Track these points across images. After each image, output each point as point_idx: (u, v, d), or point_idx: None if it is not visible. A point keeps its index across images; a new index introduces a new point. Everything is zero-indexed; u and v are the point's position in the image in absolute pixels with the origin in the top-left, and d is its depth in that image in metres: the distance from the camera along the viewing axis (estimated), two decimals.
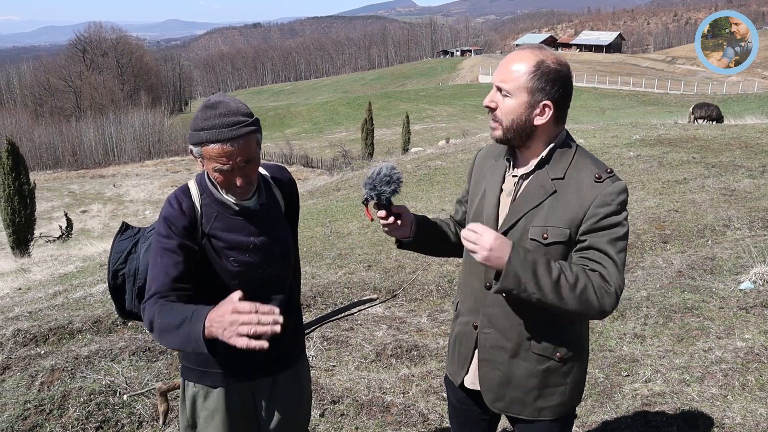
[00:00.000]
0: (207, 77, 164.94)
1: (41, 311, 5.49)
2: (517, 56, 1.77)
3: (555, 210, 1.76)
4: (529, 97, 1.74)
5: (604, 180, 1.74)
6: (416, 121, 49.84)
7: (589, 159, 1.81)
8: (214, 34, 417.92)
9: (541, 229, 1.77)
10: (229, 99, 1.85)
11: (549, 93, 1.74)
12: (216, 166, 1.81)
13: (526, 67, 1.73)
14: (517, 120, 1.77)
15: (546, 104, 1.75)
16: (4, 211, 17.04)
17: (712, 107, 18.83)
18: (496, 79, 1.79)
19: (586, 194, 1.74)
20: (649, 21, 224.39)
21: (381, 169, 1.85)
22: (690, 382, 3.67)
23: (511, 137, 1.80)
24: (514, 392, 1.90)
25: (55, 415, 3.49)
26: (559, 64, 1.74)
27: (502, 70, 1.78)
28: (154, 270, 1.87)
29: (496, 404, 1.94)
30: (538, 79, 1.72)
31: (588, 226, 1.73)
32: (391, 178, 1.84)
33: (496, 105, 1.79)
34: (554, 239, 1.76)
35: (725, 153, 11.02)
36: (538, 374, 1.87)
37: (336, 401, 3.65)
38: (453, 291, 5.52)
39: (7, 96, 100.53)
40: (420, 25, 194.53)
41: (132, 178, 42.08)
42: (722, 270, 5.43)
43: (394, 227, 1.94)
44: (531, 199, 1.80)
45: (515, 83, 1.74)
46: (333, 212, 10.39)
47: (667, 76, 75.37)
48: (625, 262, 1.75)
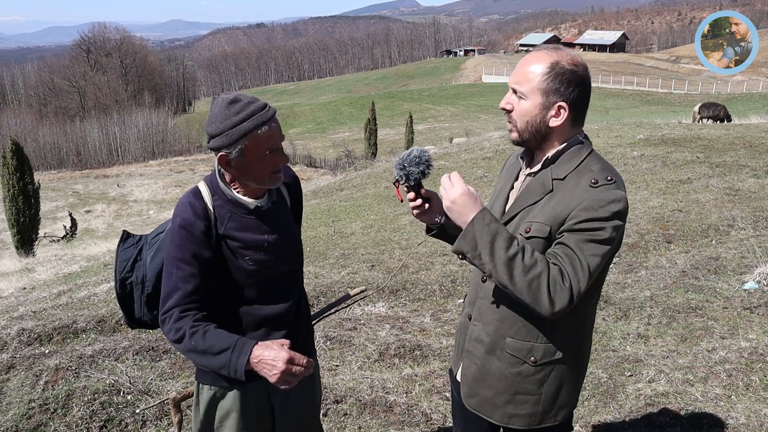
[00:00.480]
0: (210, 77, 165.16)
1: (45, 311, 5.51)
2: (532, 57, 1.76)
3: (547, 208, 1.74)
4: (543, 99, 1.73)
5: (599, 186, 1.69)
6: (419, 121, 49.79)
7: (598, 165, 1.75)
8: (218, 34, 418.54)
9: (527, 224, 1.75)
10: (237, 92, 1.87)
11: (564, 94, 1.72)
12: (269, 147, 1.86)
13: (540, 68, 1.72)
14: (532, 122, 1.75)
15: (561, 105, 1.73)
16: (9, 210, 17.07)
17: (719, 107, 18.75)
18: (511, 80, 1.78)
19: (576, 196, 1.70)
20: (653, 20, 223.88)
21: (412, 151, 1.85)
22: (694, 382, 3.66)
23: (527, 138, 1.79)
24: (486, 391, 1.88)
25: (59, 414, 3.50)
26: (575, 65, 1.72)
27: (517, 71, 1.77)
28: (170, 282, 1.89)
29: (470, 400, 1.93)
30: (553, 80, 1.71)
31: (567, 225, 1.68)
32: (420, 159, 1.84)
33: (512, 107, 1.78)
34: (534, 234, 1.73)
35: (729, 153, 10.99)
36: (509, 376, 1.82)
37: (339, 401, 3.66)
38: (456, 291, 5.52)
39: (11, 96, 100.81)
40: (423, 24, 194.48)
41: (136, 178, 42.14)
42: (726, 270, 5.42)
43: (422, 210, 1.91)
44: (530, 196, 1.80)
45: (529, 85, 1.73)
46: (336, 212, 10.40)
47: (671, 75, 75.21)
48: (598, 270, 1.66)
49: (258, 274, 1.98)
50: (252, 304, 2.01)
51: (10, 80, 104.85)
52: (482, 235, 1.65)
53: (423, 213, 1.91)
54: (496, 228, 1.66)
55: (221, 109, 1.84)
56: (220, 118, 1.84)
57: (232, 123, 1.82)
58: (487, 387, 1.87)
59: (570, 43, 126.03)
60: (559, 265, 1.65)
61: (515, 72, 1.78)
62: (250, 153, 1.85)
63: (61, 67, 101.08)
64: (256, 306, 2.01)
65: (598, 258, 1.65)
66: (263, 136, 1.84)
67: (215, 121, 1.85)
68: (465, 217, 1.68)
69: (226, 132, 1.82)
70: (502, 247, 1.63)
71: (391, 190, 12.34)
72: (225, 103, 1.84)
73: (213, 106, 1.88)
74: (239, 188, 1.97)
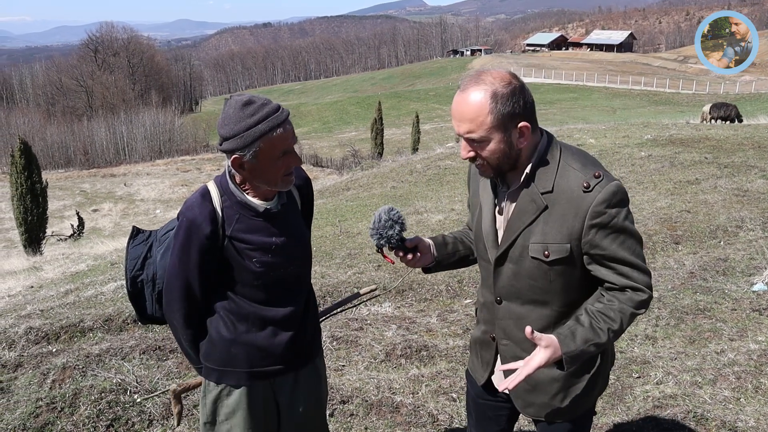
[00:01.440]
0: (217, 77, 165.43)
1: (53, 309, 5.53)
2: (467, 101, 1.67)
3: (551, 225, 1.72)
4: (504, 132, 1.68)
5: (592, 188, 1.67)
6: (426, 121, 49.77)
7: (576, 163, 1.73)
8: (225, 33, 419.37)
9: (541, 246, 1.74)
10: (250, 94, 1.87)
11: (518, 114, 1.67)
12: (283, 149, 1.86)
13: (484, 108, 1.65)
14: (503, 155, 1.71)
15: (523, 126, 1.69)
16: (17, 209, 17.17)
17: (730, 107, 18.65)
18: (460, 131, 1.71)
19: (578, 205, 1.69)
20: (660, 20, 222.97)
21: (380, 216, 1.87)
22: (702, 384, 3.64)
23: (503, 168, 1.76)
24: (541, 398, 1.91)
25: (66, 413, 3.51)
26: (507, 82, 1.66)
27: (461, 120, 1.69)
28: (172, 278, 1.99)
29: (528, 410, 1.95)
30: (502, 110, 1.65)
31: (591, 240, 1.70)
32: (393, 220, 1.87)
33: (476, 153, 1.73)
34: (556, 256, 1.73)
35: (738, 153, 10.93)
36: (560, 378, 1.87)
37: (345, 401, 3.65)
38: (462, 291, 5.51)
39: (20, 95, 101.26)
40: (430, 24, 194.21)
41: (143, 177, 42.28)
42: (735, 271, 5.38)
43: (415, 260, 1.95)
44: (524, 216, 1.76)
45: (483, 128, 1.66)
46: (342, 212, 10.40)
47: (679, 75, 74.88)
48: (643, 254, 1.75)
49: (265, 276, 1.98)
50: (259, 305, 2.01)
51: (19, 80, 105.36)
52: (581, 353, 1.70)
53: (417, 261, 1.96)
54: (583, 338, 1.70)
55: (235, 111, 1.82)
56: (234, 120, 1.82)
57: (246, 125, 1.80)
58: (541, 394, 1.90)
59: (577, 43, 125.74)
60: (627, 285, 1.73)
61: (459, 121, 1.70)
62: (264, 155, 1.84)
63: (68, 67, 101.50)
64: (264, 307, 2.02)
65: (639, 245, 1.73)
66: (278, 139, 1.83)
67: (229, 123, 1.82)
68: (557, 355, 1.70)
69: (241, 134, 1.81)
70: (597, 343, 1.71)
71: (399, 188, 12.34)
72: (239, 104, 1.82)
73: (226, 107, 1.86)
74: (250, 190, 1.96)
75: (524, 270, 1.80)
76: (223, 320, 2.02)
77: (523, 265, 1.79)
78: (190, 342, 2.07)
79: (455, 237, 2.12)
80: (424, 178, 12.91)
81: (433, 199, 10.39)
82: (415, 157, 18.52)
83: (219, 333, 2.02)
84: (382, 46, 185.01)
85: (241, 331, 2.01)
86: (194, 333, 2.05)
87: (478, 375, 2.06)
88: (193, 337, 2.06)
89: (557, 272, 1.76)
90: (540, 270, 1.77)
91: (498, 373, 2.00)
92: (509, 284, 1.84)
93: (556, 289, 1.79)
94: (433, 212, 9.03)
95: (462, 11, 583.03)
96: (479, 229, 1.91)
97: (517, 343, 1.88)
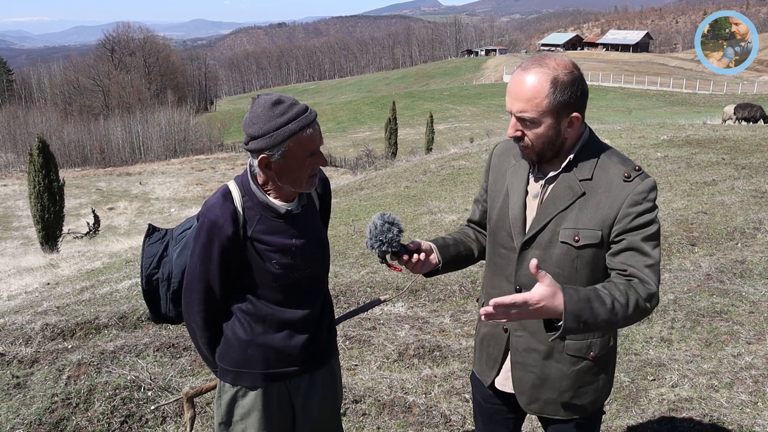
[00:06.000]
0: (232, 76, 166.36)
1: (69, 306, 5.58)
2: (527, 80, 1.68)
3: (585, 212, 1.74)
4: (555, 118, 1.69)
5: (633, 179, 1.72)
6: (440, 121, 49.66)
7: (615, 157, 1.78)
8: (240, 33, 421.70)
9: (572, 231, 1.74)
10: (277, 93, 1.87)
11: (573, 104, 1.70)
12: (311, 150, 1.85)
13: (543, 91, 1.66)
14: (549, 140, 1.73)
15: (574, 116, 1.71)
16: (34, 207, 17.35)
17: (755, 108, 18.45)
18: (513, 109, 1.72)
19: (616, 194, 1.71)
20: (677, 19, 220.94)
21: (375, 223, 1.86)
22: (718, 387, 3.59)
23: (546, 155, 1.78)
24: (549, 394, 1.89)
25: (81, 408, 3.54)
26: (570, 71, 1.68)
27: (516, 98, 1.70)
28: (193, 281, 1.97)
29: (531, 406, 1.93)
30: (560, 97, 1.67)
31: (622, 226, 1.71)
32: (389, 223, 1.85)
33: (522, 133, 1.74)
34: (586, 242, 1.73)
35: (756, 154, 10.79)
36: (572, 375, 1.86)
37: (358, 401, 3.65)
38: (476, 291, 5.49)
39: (38, 95, 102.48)
40: (444, 24, 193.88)
41: (158, 176, 42.61)
42: (752, 274, 5.31)
43: (420, 264, 1.92)
44: (559, 201, 1.77)
45: (536, 110, 1.68)
46: (356, 211, 10.40)
47: (696, 75, 74.10)
48: (660, 255, 1.74)
49: (284, 278, 1.97)
50: (277, 307, 2.01)
51: (37, 79, 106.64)
52: (582, 310, 1.58)
53: (423, 263, 1.93)
54: (586, 295, 1.61)
55: (264, 110, 1.81)
56: (263, 119, 1.80)
57: (276, 125, 1.79)
58: (549, 390, 1.89)
59: (593, 43, 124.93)
60: (638, 276, 1.69)
61: (514, 99, 1.70)
62: (293, 155, 1.83)
63: (85, 66, 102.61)
64: (281, 309, 2.01)
65: (658, 248, 1.73)
66: (307, 139, 1.82)
67: (258, 122, 1.81)
68: (557, 308, 1.57)
69: (271, 133, 1.79)
70: (600, 308, 1.61)
71: (412, 188, 12.32)
72: (268, 104, 1.81)
73: (254, 106, 1.84)
74: (272, 191, 1.95)
75: (551, 257, 1.79)
76: (239, 321, 2.01)
77: (551, 251, 1.78)
78: (208, 345, 2.06)
79: (455, 238, 2.11)
80: (438, 178, 12.88)
81: (447, 199, 10.36)
82: (429, 156, 18.49)
83: (235, 334, 2.02)
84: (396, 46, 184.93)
85: (257, 332, 2.00)
86: (212, 335, 2.05)
87: (485, 375, 2.04)
88: (211, 339, 2.05)
89: (584, 260, 1.75)
90: (568, 257, 1.76)
91: (504, 374, 1.98)
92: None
93: (581, 279, 1.77)
94: (447, 212, 9.01)
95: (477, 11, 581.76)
96: (504, 215, 1.89)
97: (533, 333, 1.87)
